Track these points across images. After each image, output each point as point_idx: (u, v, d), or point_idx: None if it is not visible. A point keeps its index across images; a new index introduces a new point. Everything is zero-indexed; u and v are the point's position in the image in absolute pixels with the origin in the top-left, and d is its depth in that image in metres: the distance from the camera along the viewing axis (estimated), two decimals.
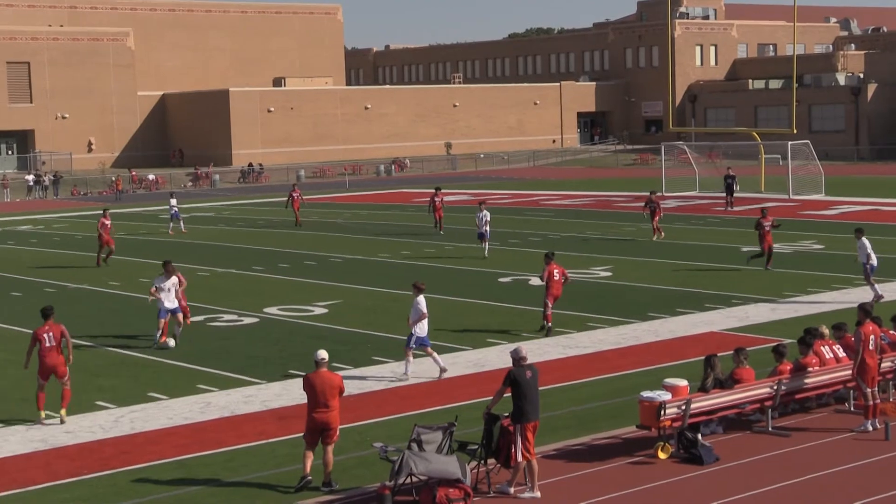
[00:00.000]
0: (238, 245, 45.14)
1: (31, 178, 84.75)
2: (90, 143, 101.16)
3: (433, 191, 48.58)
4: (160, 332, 24.75)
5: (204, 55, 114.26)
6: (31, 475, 16.23)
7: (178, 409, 19.68)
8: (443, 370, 21.39)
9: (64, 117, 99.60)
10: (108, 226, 40.55)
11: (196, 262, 39.40)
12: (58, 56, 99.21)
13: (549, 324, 25.34)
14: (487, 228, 38.76)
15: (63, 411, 18.97)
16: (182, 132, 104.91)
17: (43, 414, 18.99)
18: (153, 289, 25.13)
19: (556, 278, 25.44)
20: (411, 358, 21.54)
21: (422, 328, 21.34)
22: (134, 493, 15.40)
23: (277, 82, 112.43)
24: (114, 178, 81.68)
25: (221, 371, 22.44)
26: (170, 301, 24.76)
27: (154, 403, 20.05)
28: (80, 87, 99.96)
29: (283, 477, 15.85)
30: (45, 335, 19.06)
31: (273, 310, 29.33)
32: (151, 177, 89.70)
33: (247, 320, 28.11)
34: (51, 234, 52.58)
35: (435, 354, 21.52)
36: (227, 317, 28.64)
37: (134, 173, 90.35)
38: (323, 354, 15.63)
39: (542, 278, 25.71)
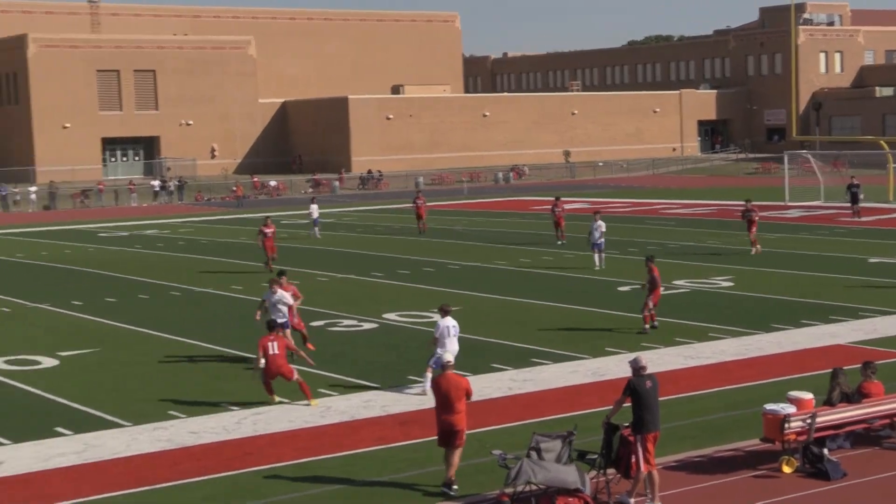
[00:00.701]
0: (358, 251, 45.55)
1: (156, 183, 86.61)
2: (213, 150, 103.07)
3: (553, 200, 48.36)
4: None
5: (324, 62, 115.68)
6: (159, 474, 16.56)
7: (299, 412, 19.90)
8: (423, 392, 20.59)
9: (188, 124, 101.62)
10: (269, 234, 39.59)
11: (316, 268, 39.87)
12: (182, 64, 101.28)
13: (653, 324, 25.70)
14: (602, 239, 38.07)
15: (313, 400, 20.32)
16: (302, 139, 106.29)
17: (275, 398, 20.51)
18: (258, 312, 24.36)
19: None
20: (429, 374, 20.39)
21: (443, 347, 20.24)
22: (256, 493, 15.61)
23: (396, 90, 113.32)
24: (234, 186, 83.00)
25: (341, 375, 22.64)
26: (280, 316, 23.65)
27: (276, 406, 20.30)
28: (203, 94, 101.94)
29: (402, 481, 15.92)
30: (269, 344, 20.35)
31: (392, 315, 29.51)
32: (273, 183, 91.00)
33: (366, 325, 28.33)
34: (176, 239, 53.65)
35: (427, 375, 20.56)
36: (346, 322, 28.90)
37: (256, 179, 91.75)
38: (449, 357, 15.67)
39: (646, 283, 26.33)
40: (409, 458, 17.07)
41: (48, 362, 24.74)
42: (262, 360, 20.24)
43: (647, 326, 26.12)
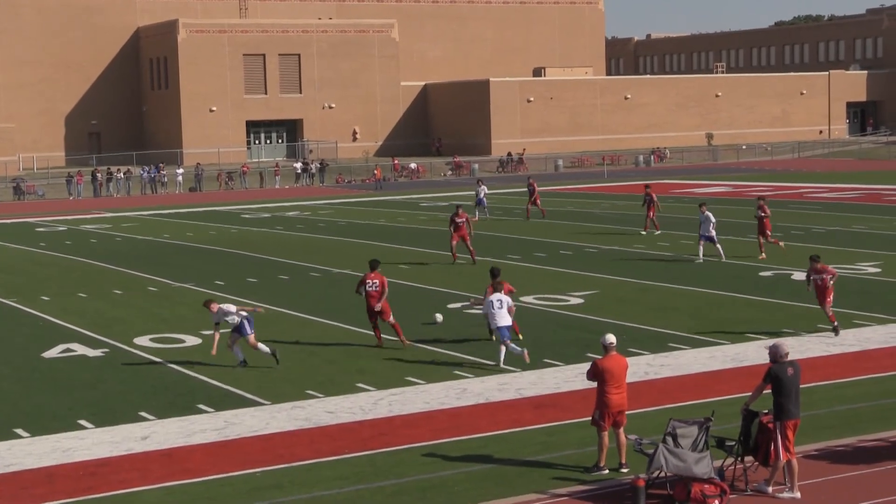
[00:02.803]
0: (494, 234, 45.55)
1: (299, 165, 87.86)
2: (355, 133, 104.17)
3: (644, 185, 46.60)
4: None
5: (465, 45, 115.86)
6: (297, 452, 16.82)
7: (434, 393, 20.00)
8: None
9: (331, 107, 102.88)
10: (461, 224, 37.04)
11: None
12: (326, 48, 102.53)
13: (836, 323, 24.21)
14: (713, 231, 35.78)
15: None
16: (442, 121, 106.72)
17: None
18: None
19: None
20: (504, 349, 21.82)
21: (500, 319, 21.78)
22: (392, 473, 15.75)
23: (537, 72, 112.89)
24: (374, 169, 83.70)
25: (477, 358, 22.68)
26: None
27: (412, 388, 20.44)
28: (346, 77, 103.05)
29: (538, 463, 15.89)
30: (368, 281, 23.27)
31: (529, 299, 29.44)
32: (413, 165, 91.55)
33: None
34: (316, 220, 54.39)
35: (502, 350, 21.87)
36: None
37: (396, 162, 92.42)
38: (612, 338, 15.69)
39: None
40: (544, 440, 17.03)
41: (191, 340, 25.32)
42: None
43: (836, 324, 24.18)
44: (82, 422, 18.67)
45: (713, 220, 35.69)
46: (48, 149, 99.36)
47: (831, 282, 23.89)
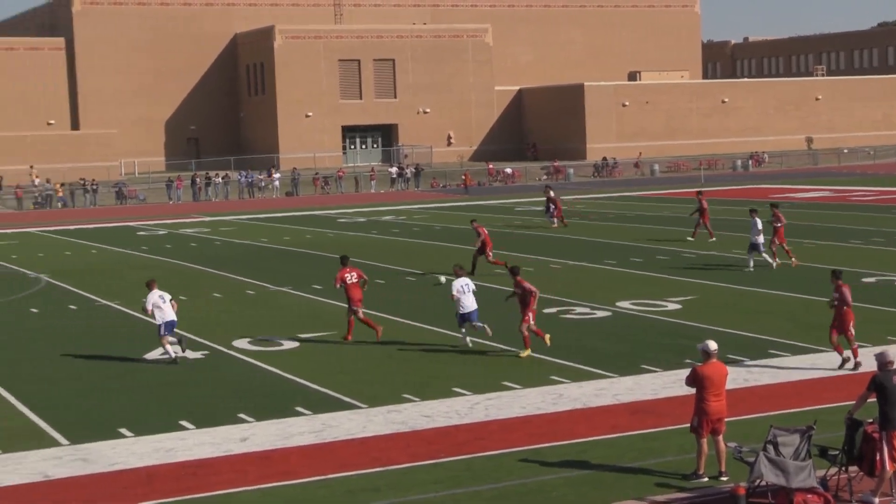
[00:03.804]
0: (590, 238, 45.32)
1: (394, 170, 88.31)
2: (449, 137, 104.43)
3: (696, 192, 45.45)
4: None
5: (558, 49, 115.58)
6: (393, 456, 16.85)
7: (531, 398, 19.92)
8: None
9: (425, 112, 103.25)
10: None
11: (549, 255, 39.90)
12: (420, 53, 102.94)
13: None
14: (760, 238, 34.71)
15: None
16: (536, 126, 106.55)
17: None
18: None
19: None
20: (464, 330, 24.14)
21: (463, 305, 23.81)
22: (489, 478, 15.70)
23: (632, 76, 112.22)
24: (463, 174, 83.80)
25: (573, 363, 22.54)
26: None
27: (508, 392, 20.38)
28: (440, 82, 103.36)
29: (636, 470, 15.74)
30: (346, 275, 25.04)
31: (625, 304, 29.22)
32: (508, 170, 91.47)
33: (599, 314, 28.14)
34: (411, 225, 54.58)
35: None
36: (579, 309, 28.78)
37: (490, 166, 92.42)
38: (714, 345, 15.55)
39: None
40: (642, 447, 16.87)
41: (288, 344, 25.53)
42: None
43: None
44: (183, 422, 18.92)
45: (759, 226, 34.71)
46: (149, 154, 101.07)
47: None
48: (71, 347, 25.77)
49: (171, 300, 24.13)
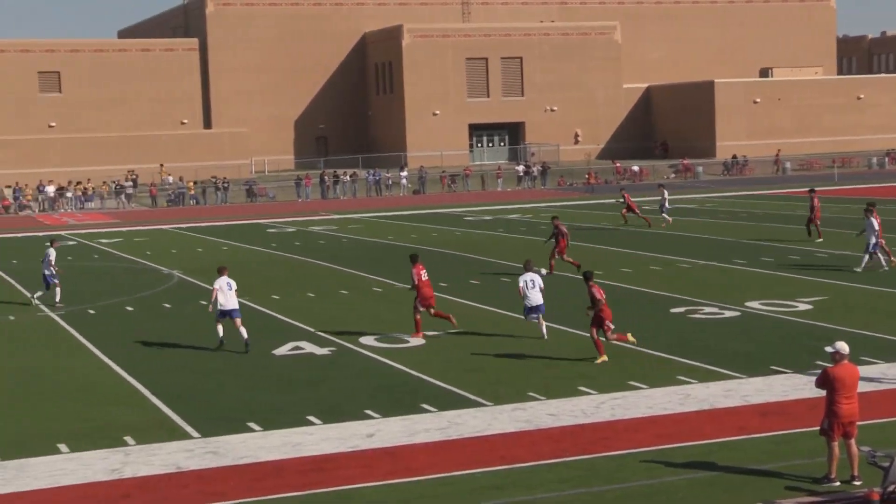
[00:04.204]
0: (720, 237, 44.70)
1: (520, 168, 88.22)
2: (576, 135, 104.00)
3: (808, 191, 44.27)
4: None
5: (688, 47, 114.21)
6: (517, 454, 16.83)
7: (657, 398, 19.72)
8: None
9: (552, 110, 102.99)
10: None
11: (678, 254, 39.47)
12: (548, 50, 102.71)
13: None
14: (874, 239, 33.80)
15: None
16: (665, 124, 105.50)
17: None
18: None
19: None
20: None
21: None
22: (614, 478, 15.59)
23: (764, 73, 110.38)
24: (587, 173, 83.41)
25: (701, 363, 22.26)
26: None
27: (634, 392, 20.21)
28: (568, 80, 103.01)
29: (765, 472, 15.48)
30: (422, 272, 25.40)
31: (755, 304, 28.75)
32: (636, 168, 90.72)
33: (728, 314, 27.74)
34: (538, 223, 54.44)
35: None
36: (707, 309, 28.40)
37: (618, 165, 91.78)
38: (846, 347, 15.27)
39: None
40: (770, 449, 16.58)
41: (415, 341, 25.63)
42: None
43: None
44: (311, 417, 19.16)
45: (876, 226, 33.82)
46: (278, 152, 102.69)
47: None
48: (202, 342, 26.29)
49: (235, 289, 25.20)
